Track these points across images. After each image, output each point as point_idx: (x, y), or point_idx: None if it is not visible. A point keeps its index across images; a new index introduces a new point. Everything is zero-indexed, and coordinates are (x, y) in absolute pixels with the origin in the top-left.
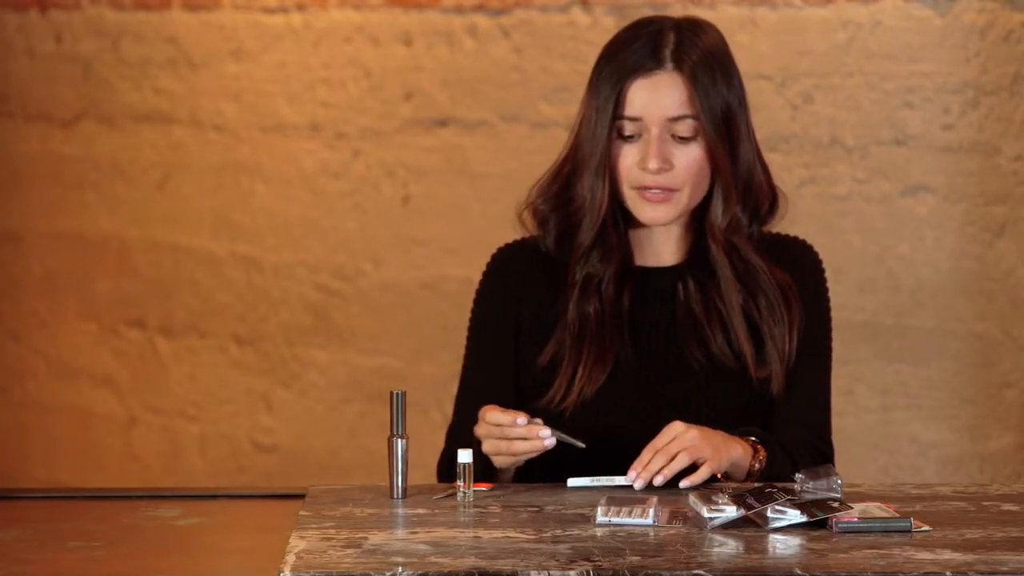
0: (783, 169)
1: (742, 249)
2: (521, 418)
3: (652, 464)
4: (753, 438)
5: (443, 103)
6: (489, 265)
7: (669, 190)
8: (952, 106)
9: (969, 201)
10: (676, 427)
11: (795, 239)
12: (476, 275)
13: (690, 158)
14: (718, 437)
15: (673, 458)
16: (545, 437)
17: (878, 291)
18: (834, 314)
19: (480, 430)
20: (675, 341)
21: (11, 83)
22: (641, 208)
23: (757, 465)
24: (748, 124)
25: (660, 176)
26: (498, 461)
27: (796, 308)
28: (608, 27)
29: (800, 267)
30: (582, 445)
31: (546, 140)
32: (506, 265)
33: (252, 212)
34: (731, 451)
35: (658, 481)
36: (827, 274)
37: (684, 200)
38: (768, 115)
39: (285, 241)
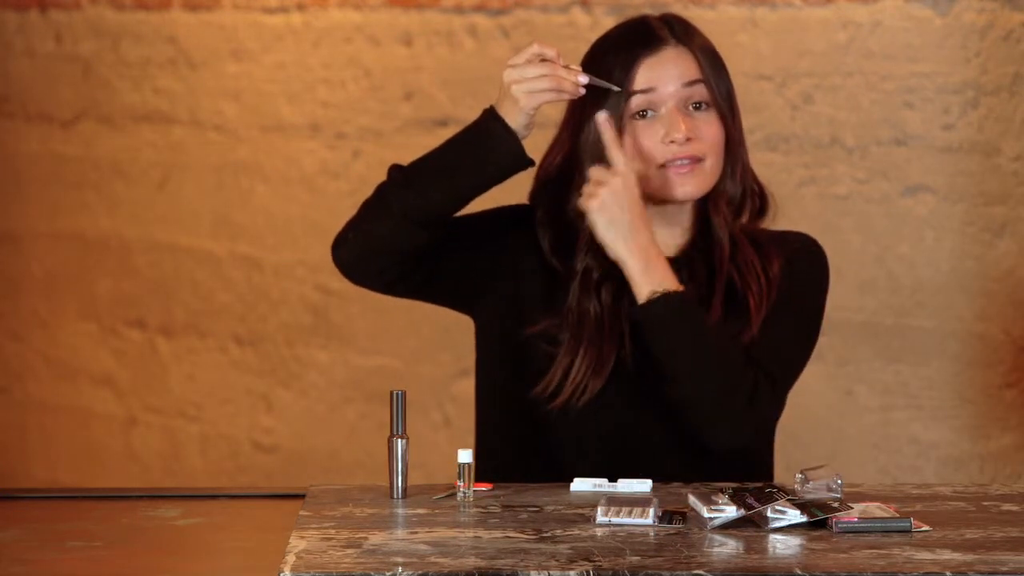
0: (783, 169)
1: (736, 234)
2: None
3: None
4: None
5: (443, 103)
6: (509, 207)
7: (696, 160)
8: (952, 106)
9: (969, 201)
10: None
11: (802, 235)
12: None
13: (710, 127)
14: (643, 236)
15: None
16: (581, 82)
17: (878, 291)
18: (834, 314)
19: (518, 67)
20: None
21: (11, 83)
22: (672, 186)
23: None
24: (740, 122)
25: (687, 146)
26: (532, 99)
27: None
28: (608, 27)
29: (799, 252)
30: (617, 88)
31: (546, 140)
32: (521, 220)
33: (252, 212)
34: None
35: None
36: (829, 270)
37: (709, 171)
38: (768, 115)
39: (285, 241)
